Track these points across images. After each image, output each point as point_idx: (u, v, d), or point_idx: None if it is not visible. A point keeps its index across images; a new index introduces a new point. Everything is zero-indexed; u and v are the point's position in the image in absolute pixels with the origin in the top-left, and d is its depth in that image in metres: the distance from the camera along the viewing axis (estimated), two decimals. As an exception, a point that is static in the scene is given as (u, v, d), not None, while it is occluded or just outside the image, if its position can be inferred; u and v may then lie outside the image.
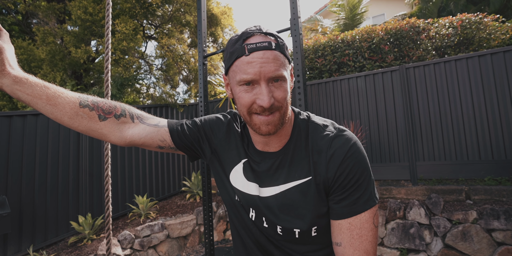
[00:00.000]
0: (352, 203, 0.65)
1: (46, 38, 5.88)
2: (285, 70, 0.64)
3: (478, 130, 3.53)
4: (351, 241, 0.65)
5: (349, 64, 4.86)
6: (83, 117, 0.70)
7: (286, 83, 0.65)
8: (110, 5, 1.08)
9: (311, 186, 0.69)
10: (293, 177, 0.71)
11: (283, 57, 0.64)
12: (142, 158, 4.96)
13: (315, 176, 0.69)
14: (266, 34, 0.65)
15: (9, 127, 3.56)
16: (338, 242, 0.67)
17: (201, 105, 2.13)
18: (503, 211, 2.85)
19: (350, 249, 0.65)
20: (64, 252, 3.51)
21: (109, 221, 1.10)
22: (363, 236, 0.65)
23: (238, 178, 0.77)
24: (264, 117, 0.65)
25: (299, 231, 0.70)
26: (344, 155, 0.66)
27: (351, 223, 0.66)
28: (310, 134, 0.72)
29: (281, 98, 0.64)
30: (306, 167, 0.70)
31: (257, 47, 0.62)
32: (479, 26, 4.64)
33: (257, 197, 0.74)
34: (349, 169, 0.66)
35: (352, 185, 0.66)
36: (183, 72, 6.81)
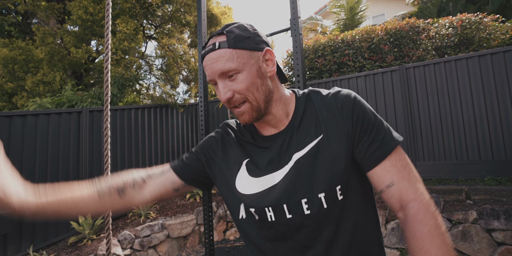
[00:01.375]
0: (382, 143, 0.67)
1: (45, 38, 5.88)
2: (235, 62, 0.66)
3: (478, 130, 3.53)
4: (401, 174, 0.65)
5: (349, 64, 4.86)
6: (107, 202, 0.76)
7: (244, 73, 0.67)
8: (110, 5, 1.08)
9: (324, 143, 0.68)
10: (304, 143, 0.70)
11: (231, 51, 0.66)
12: (142, 158, 4.96)
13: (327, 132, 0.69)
14: (218, 35, 0.69)
15: (9, 127, 3.56)
16: (388, 184, 0.65)
17: (201, 105, 2.13)
18: (503, 211, 2.85)
19: (405, 182, 0.64)
20: (64, 252, 3.51)
21: (109, 221, 1.10)
22: (407, 166, 0.66)
23: (245, 182, 0.74)
24: (237, 109, 0.70)
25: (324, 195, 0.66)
26: (353, 101, 0.69)
27: (391, 159, 0.66)
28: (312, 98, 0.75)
29: (240, 89, 0.67)
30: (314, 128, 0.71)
31: (205, 52, 0.69)
32: (479, 26, 4.64)
33: (274, 186, 0.70)
34: (362, 112, 0.68)
35: (372, 126, 0.68)
36: (183, 72, 6.81)
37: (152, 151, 5.14)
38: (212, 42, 0.69)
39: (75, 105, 5.16)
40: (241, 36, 0.68)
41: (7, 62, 5.89)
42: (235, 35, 0.67)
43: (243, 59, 0.67)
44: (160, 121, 5.37)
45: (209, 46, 0.68)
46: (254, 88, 0.68)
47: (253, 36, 0.69)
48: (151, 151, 5.12)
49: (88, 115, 4.31)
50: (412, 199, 0.63)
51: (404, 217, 0.64)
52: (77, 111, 4.25)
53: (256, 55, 0.69)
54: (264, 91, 0.69)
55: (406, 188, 0.64)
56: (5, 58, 5.84)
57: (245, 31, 0.69)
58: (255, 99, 0.68)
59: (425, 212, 0.61)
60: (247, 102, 0.69)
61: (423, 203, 0.62)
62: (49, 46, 5.82)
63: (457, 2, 7.88)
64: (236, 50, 0.66)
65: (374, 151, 0.66)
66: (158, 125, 5.32)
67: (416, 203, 0.62)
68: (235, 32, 0.68)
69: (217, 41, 0.68)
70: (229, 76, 0.67)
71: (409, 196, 0.63)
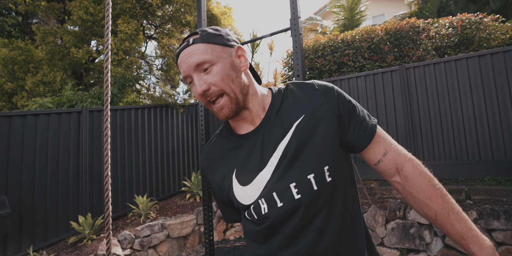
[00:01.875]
0: (367, 122, 0.75)
1: (45, 38, 5.88)
2: (209, 54, 0.68)
3: (478, 130, 3.53)
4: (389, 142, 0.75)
5: (349, 64, 4.86)
6: None
7: (218, 65, 0.68)
8: (110, 5, 1.08)
9: (306, 124, 0.70)
10: (285, 130, 0.71)
11: (205, 45, 0.69)
12: (142, 158, 4.96)
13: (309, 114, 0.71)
14: (191, 35, 0.73)
15: (9, 127, 3.56)
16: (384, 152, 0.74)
17: (201, 105, 2.13)
18: (503, 211, 2.85)
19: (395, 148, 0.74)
20: (64, 252, 3.51)
21: (109, 221, 1.10)
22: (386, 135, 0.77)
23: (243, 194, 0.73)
24: (215, 105, 0.71)
25: (313, 176, 0.67)
26: (334, 88, 0.75)
27: (378, 134, 0.75)
28: (291, 86, 0.78)
29: (215, 81, 0.68)
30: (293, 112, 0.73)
31: (179, 50, 0.72)
32: (479, 26, 4.64)
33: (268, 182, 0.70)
34: (346, 98, 0.75)
35: (355, 109, 0.74)
36: (183, 72, 6.80)
37: (152, 151, 5.14)
38: (187, 40, 0.72)
39: (75, 105, 5.16)
40: (213, 34, 0.71)
41: (7, 62, 5.89)
42: (207, 33, 0.71)
43: (217, 52, 0.69)
44: (160, 121, 5.37)
45: (184, 44, 0.72)
46: (229, 80, 0.69)
47: (224, 35, 0.73)
48: (151, 151, 5.12)
49: (88, 115, 4.31)
50: (405, 160, 0.73)
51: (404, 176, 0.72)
52: (77, 111, 4.25)
53: (228, 50, 0.72)
54: (240, 83, 0.71)
55: (398, 152, 0.74)
56: (5, 58, 5.84)
57: (217, 30, 0.73)
58: (232, 90, 0.69)
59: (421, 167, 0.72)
60: (225, 95, 0.70)
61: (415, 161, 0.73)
62: (49, 46, 5.82)
63: (458, 1, 7.88)
64: (209, 44, 0.69)
65: (365, 129, 0.73)
66: (158, 125, 5.32)
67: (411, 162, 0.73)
68: (207, 31, 0.72)
69: (191, 38, 0.71)
70: (204, 70, 0.68)
71: (402, 158, 0.73)
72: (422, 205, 0.70)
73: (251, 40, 2.00)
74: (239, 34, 7.89)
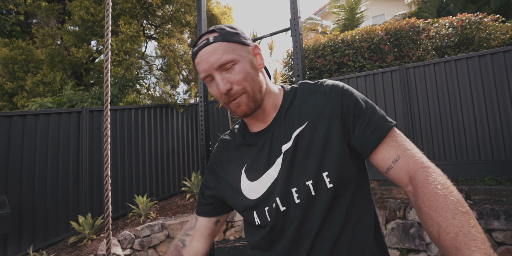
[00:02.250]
0: (378, 124, 0.67)
1: (45, 40, 5.88)
2: (231, 53, 0.68)
3: (478, 130, 3.53)
4: (403, 147, 0.65)
5: (349, 64, 4.86)
6: None
7: (240, 64, 0.69)
8: (110, 5, 1.08)
9: (309, 130, 0.69)
10: (289, 134, 0.71)
11: (226, 44, 0.69)
12: (142, 158, 4.96)
13: (313, 119, 0.70)
14: (208, 33, 0.72)
15: (9, 127, 3.56)
16: (394, 158, 0.65)
17: (201, 105, 2.13)
18: (503, 211, 2.85)
19: (410, 153, 0.64)
20: (64, 252, 3.51)
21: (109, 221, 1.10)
22: (406, 140, 0.67)
23: (250, 189, 0.75)
24: (233, 102, 0.71)
25: (312, 182, 0.66)
26: (341, 89, 0.71)
27: (391, 136, 0.67)
28: (299, 88, 0.76)
29: (238, 80, 0.68)
30: (298, 117, 0.71)
31: (199, 48, 0.71)
32: (479, 26, 4.64)
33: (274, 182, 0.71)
34: (353, 99, 0.69)
35: (365, 111, 0.68)
36: (183, 72, 6.81)
37: (152, 151, 5.14)
38: (205, 38, 0.71)
39: (75, 105, 5.16)
40: (232, 32, 0.71)
41: (7, 62, 5.89)
42: (226, 31, 0.71)
43: (238, 51, 0.70)
44: (160, 121, 5.37)
45: (203, 42, 0.70)
46: (250, 79, 0.69)
47: (241, 33, 0.73)
48: (151, 151, 5.12)
49: (88, 115, 4.31)
50: (420, 166, 0.62)
51: (415, 185, 0.61)
52: (77, 111, 4.25)
53: (246, 49, 0.72)
54: (259, 82, 0.72)
55: (412, 159, 0.63)
56: (5, 58, 5.84)
57: (233, 29, 0.73)
58: (251, 89, 0.70)
59: (436, 175, 0.60)
60: (244, 94, 0.70)
61: (431, 169, 0.61)
62: (49, 48, 5.82)
63: (457, 2, 7.88)
64: (230, 43, 0.69)
65: (371, 133, 0.66)
66: (158, 125, 5.32)
67: (425, 169, 0.61)
68: (225, 29, 0.71)
69: (210, 36, 0.70)
70: (226, 69, 0.68)
71: (416, 165, 0.63)
72: (426, 218, 0.57)
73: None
74: (239, 34, 7.88)
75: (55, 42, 6.15)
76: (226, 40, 0.69)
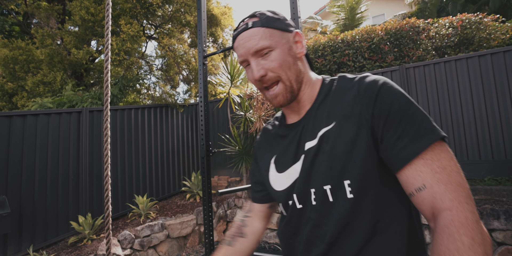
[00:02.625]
0: (414, 138, 0.55)
1: (44, 40, 5.88)
2: (268, 39, 0.66)
3: (478, 130, 3.53)
4: (436, 176, 0.53)
5: (349, 64, 4.86)
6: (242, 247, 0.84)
7: (277, 51, 0.67)
8: (110, 5, 1.08)
9: (334, 133, 0.63)
10: (315, 132, 0.67)
11: (264, 29, 0.67)
12: (142, 158, 4.96)
13: (341, 121, 0.63)
14: (249, 17, 0.71)
15: (9, 127, 3.56)
16: (419, 187, 0.54)
17: (201, 105, 2.13)
18: (503, 211, 2.86)
19: (441, 186, 0.52)
20: (64, 252, 3.51)
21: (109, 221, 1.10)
22: (447, 167, 0.53)
23: (276, 179, 0.75)
24: (270, 92, 0.70)
25: (330, 187, 0.62)
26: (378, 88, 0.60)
27: (425, 158, 0.54)
28: (336, 82, 0.71)
29: (273, 67, 0.67)
30: (327, 116, 0.67)
31: (238, 32, 0.70)
32: (479, 26, 4.63)
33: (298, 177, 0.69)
34: (389, 100, 0.58)
35: (401, 117, 0.57)
36: (183, 72, 6.82)
37: (152, 151, 5.14)
38: (245, 23, 0.70)
39: (75, 105, 5.16)
40: (272, 18, 0.69)
41: (7, 62, 5.90)
42: (267, 16, 0.69)
43: (276, 37, 0.68)
44: (160, 121, 5.37)
45: (242, 26, 0.70)
46: (286, 67, 0.67)
47: (282, 19, 0.71)
48: (151, 151, 5.13)
49: (88, 115, 4.31)
50: (446, 207, 0.50)
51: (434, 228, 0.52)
52: (77, 111, 4.25)
53: (286, 35, 0.70)
54: (296, 70, 0.69)
55: (441, 193, 0.52)
56: (6, 59, 5.85)
57: (275, 14, 0.71)
58: (287, 78, 0.68)
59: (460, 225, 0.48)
60: (280, 82, 0.68)
61: (460, 214, 0.49)
62: (48, 48, 5.82)
63: (456, 2, 7.88)
64: (269, 29, 0.68)
65: (402, 147, 0.56)
66: (158, 125, 5.32)
67: (451, 213, 0.50)
68: (266, 14, 0.70)
69: (250, 21, 0.69)
70: (262, 55, 0.67)
71: (444, 203, 0.51)
72: None
73: (251, 40, 2.00)
74: (239, 34, 7.88)
75: (55, 43, 6.15)
76: (265, 25, 0.67)
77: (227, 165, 5.61)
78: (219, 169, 5.83)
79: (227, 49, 2.05)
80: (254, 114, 4.66)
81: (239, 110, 5.03)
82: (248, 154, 4.85)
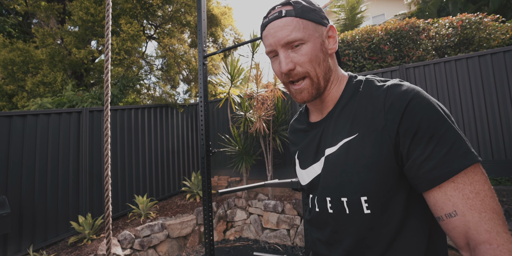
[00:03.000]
0: (443, 160, 0.51)
1: (45, 40, 5.88)
2: (301, 31, 0.62)
3: (478, 130, 3.53)
4: (469, 203, 0.49)
5: (349, 64, 4.86)
6: None
7: (309, 44, 0.63)
8: (110, 5, 1.08)
9: (356, 145, 0.60)
10: (336, 140, 0.64)
11: (298, 20, 0.62)
12: (142, 158, 4.96)
13: (363, 133, 0.59)
14: (282, 5, 0.66)
15: (9, 127, 3.56)
16: (449, 213, 0.50)
17: (201, 105, 2.13)
18: (503, 211, 2.85)
19: (475, 214, 0.48)
20: (64, 252, 3.51)
21: (109, 221, 1.10)
22: (480, 192, 0.49)
23: (300, 174, 0.77)
24: (296, 87, 0.66)
25: (346, 200, 0.60)
26: (407, 102, 0.55)
27: (456, 181, 0.50)
28: (362, 87, 0.65)
29: (302, 61, 0.63)
30: (350, 124, 0.63)
31: (269, 20, 0.65)
32: (479, 26, 4.63)
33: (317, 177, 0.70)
34: (419, 117, 0.53)
35: (430, 136, 0.52)
36: (183, 72, 6.82)
37: (152, 151, 5.14)
38: (277, 10, 0.65)
39: (75, 106, 5.16)
40: (308, 8, 0.65)
41: (6, 63, 5.90)
42: (302, 5, 0.64)
43: (309, 30, 0.63)
44: (160, 121, 5.37)
45: (274, 14, 0.64)
46: (316, 63, 0.63)
47: (318, 10, 0.67)
48: (151, 151, 5.13)
49: (88, 115, 4.31)
50: (485, 240, 0.47)
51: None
52: (77, 111, 4.25)
53: (320, 29, 0.65)
54: (325, 67, 0.65)
55: (476, 223, 0.48)
56: (5, 60, 5.85)
57: (311, 4, 0.66)
58: (316, 74, 0.64)
59: None
60: (307, 78, 0.65)
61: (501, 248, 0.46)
62: (49, 47, 5.82)
63: (456, 2, 7.88)
64: (303, 20, 0.63)
65: (430, 170, 0.52)
66: (158, 125, 5.32)
67: (492, 248, 0.46)
68: (301, 3, 0.65)
69: (284, 9, 0.64)
70: (292, 47, 0.63)
71: (480, 235, 0.48)
72: None
73: (251, 40, 2.00)
74: (239, 34, 7.89)
75: (55, 42, 6.15)
76: (299, 16, 0.63)
77: (227, 165, 5.61)
78: (219, 169, 5.83)
79: (227, 49, 2.05)
80: (254, 114, 4.66)
81: (239, 110, 5.03)
82: (248, 154, 4.86)
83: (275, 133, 4.70)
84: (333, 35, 0.67)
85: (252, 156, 4.86)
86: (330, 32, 0.67)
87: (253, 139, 5.10)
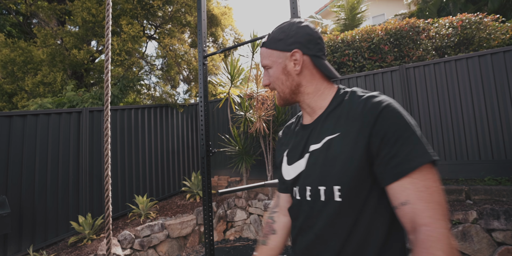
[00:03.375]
0: (405, 158, 0.62)
1: (46, 40, 5.88)
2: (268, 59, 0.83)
3: (478, 130, 3.53)
4: (419, 194, 0.60)
5: (349, 64, 4.86)
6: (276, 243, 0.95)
7: (273, 69, 0.83)
8: (110, 6, 1.08)
9: (337, 142, 0.71)
10: (320, 138, 0.77)
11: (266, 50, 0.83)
12: (142, 158, 4.96)
13: (344, 133, 0.71)
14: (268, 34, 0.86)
15: (9, 127, 3.56)
16: (403, 202, 0.61)
17: (201, 105, 2.13)
18: (503, 211, 2.85)
19: (421, 203, 0.59)
20: (64, 252, 3.51)
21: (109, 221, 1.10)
22: (430, 187, 0.61)
23: (286, 170, 0.87)
24: (276, 95, 0.88)
25: (324, 189, 0.72)
26: (380, 110, 0.67)
27: (413, 176, 0.61)
28: (347, 96, 0.78)
29: (271, 80, 0.84)
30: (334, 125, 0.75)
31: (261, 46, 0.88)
32: (479, 26, 4.63)
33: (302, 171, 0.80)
34: (388, 123, 0.65)
35: (396, 139, 0.63)
36: (183, 72, 6.82)
37: (152, 151, 5.14)
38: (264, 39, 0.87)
39: (76, 106, 5.17)
40: (275, 39, 0.82)
41: (6, 63, 5.90)
42: (272, 37, 0.83)
43: (273, 58, 0.82)
44: (160, 121, 5.37)
45: (262, 41, 0.87)
46: (279, 82, 0.83)
47: (285, 38, 0.81)
48: (151, 151, 5.13)
49: (88, 115, 4.32)
50: (425, 223, 0.58)
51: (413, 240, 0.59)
52: (77, 111, 4.26)
53: (284, 55, 0.81)
54: (289, 85, 0.82)
55: (422, 210, 0.59)
56: (4, 60, 5.85)
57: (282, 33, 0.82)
58: (281, 90, 0.84)
59: (436, 241, 0.55)
60: (275, 90, 0.86)
61: (436, 231, 0.56)
62: (50, 48, 5.82)
63: (457, 2, 7.88)
64: (269, 50, 0.83)
65: (394, 166, 0.63)
66: (158, 125, 5.32)
67: (429, 229, 0.57)
68: (272, 35, 0.84)
69: (264, 39, 0.86)
70: (266, 69, 0.85)
71: (422, 219, 0.58)
72: None
73: (251, 40, 2.00)
74: (239, 34, 7.89)
75: (56, 42, 6.15)
76: (267, 46, 0.83)
77: (227, 165, 5.61)
78: (219, 169, 5.83)
79: (227, 49, 2.06)
80: (254, 114, 4.66)
81: (239, 110, 5.03)
82: (248, 154, 4.86)
83: (275, 133, 4.70)
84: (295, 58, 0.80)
85: (252, 156, 4.86)
86: (293, 57, 0.80)
87: (253, 139, 5.10)
